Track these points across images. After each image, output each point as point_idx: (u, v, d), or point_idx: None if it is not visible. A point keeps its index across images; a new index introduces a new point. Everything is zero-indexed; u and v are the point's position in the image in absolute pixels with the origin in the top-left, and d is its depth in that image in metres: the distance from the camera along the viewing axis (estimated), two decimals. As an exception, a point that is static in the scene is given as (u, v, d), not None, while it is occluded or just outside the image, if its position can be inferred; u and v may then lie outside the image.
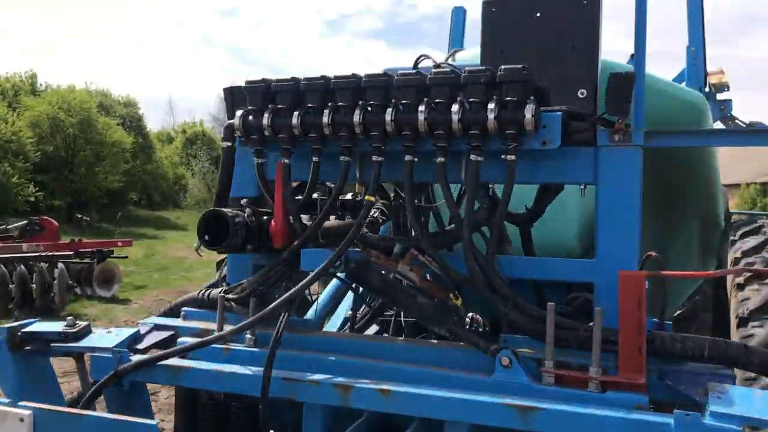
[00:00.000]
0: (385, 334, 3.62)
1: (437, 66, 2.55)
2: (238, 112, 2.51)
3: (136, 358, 2.42)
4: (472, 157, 2.25)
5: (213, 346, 2.47)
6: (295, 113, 2.42)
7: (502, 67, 2.20)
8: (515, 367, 2.15)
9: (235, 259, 2.79)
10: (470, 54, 4.10)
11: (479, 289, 2.23)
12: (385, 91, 2.34)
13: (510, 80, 2.18)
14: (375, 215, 2.79)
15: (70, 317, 2.63)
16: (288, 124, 2.43)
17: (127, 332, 2.59)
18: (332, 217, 2.77)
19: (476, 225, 2.51)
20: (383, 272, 2.37)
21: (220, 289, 2.73)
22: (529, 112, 2.14)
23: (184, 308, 2.82)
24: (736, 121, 6.13)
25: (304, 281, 2.30)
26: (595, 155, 2.33)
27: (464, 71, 2.25)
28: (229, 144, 2.58)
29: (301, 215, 2.55)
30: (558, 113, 2.24)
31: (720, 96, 6.11)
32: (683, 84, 5.74)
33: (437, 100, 2.25)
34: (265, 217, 2.53)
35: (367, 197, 2.36)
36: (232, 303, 2.61)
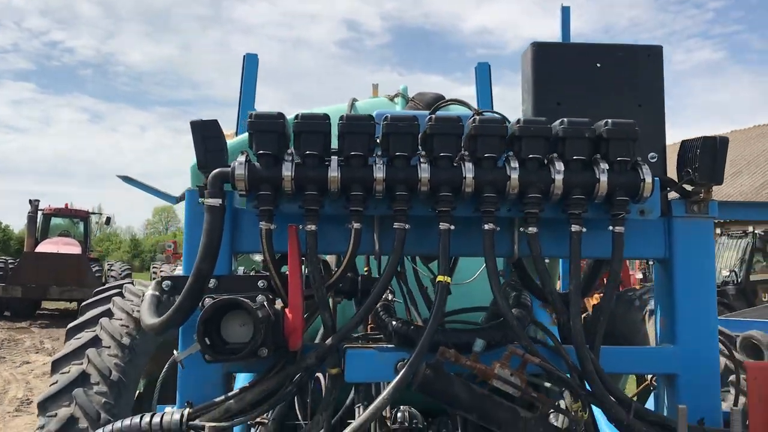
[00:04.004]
0: None
1: (479, 113, 2.10)
2: (240, 158, 1.76)
3: None
4: (574, 227, 1.83)
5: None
6: (334, 160, 1.77)
7: (609, 120, 1.84)
8: None
9: (195, 365, 1.93)
10: (368, 104, 3.71)
11: (597, 396, 1.78)
12: (456, 139, 1.82)
13: (619, 137, 1.83)
14: (390, 298, 2.18)
15: None
16: (321, 177, 1.76)
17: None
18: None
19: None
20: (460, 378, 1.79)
21: (179, 411, 1.86)
22: (648, 175, 1.81)
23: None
24: None
25: (374, 405, 1.62)
26: (667, 227, 2.07)
27: (560, 122, 1.84)
28: (220, 202, 1.78)
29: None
30: (656, 178, 1.94)
31: None
32: None
33: (531, 155, 1.80)
34: (278, 307, 1.78)
35: (440, 277, 1.78)
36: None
